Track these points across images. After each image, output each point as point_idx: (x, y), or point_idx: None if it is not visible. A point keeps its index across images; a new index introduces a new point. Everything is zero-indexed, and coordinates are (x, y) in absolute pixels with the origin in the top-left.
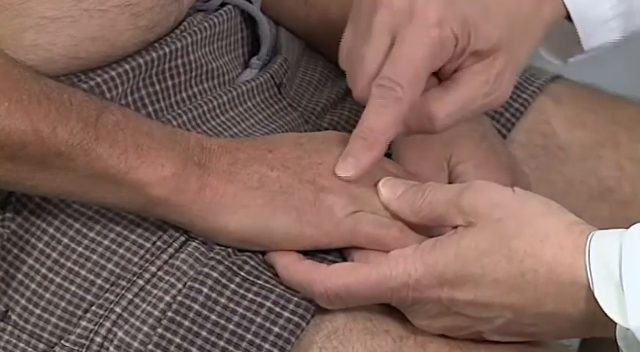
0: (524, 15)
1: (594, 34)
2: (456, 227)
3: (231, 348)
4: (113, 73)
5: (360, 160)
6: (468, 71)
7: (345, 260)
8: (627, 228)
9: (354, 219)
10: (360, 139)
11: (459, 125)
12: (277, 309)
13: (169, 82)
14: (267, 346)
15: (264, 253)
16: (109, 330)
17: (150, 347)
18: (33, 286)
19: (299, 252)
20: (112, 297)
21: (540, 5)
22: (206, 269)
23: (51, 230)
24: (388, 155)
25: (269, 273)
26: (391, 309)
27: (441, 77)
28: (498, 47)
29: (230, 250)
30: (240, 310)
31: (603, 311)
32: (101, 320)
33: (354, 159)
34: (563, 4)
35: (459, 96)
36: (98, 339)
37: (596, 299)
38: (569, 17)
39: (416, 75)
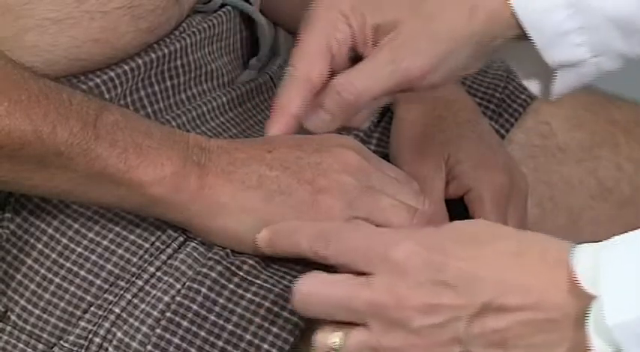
0: None
1: (553, 45)
2: None
3: (229, 348)
4: (112, 74)
5: (270, 130)
6: (377, 46)
7: None
8: (626, 228)
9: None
10: (270, 115)
11: (457, 126)
12: (276, 309)
13: (169, 83)
14: (265, 346)
15: None
16: (108, 330)
17: (149, 347)
18: (32, 286)
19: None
20: (110, 298)
21: None
22: (204, 270)
23: (50, 230)
24: (386, 157)
25: (267, 272)
26: None
27: None
28: (402, 18)
29: (229, 250)
30: (239, 310)
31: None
32: (100, 321)
33: (266, 131)
34: None
35: (361, 66)
36: (97, 339)
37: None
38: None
39: (304, 53)
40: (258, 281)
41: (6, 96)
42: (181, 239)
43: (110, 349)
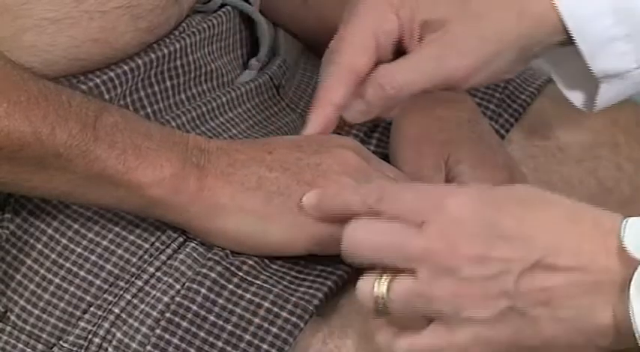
0: None
1: (599, 53)
2: None
3: (229, 349)
4: (112, 74)
5: (310, 123)
6: (422, 42)
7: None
8: None
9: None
10: (311, 105)
11: (457, 126)
12: (275, 309)
13: (168, 83)
14: (265, 346)
15: None
16: (108, 331)
17: (148, 347)
18: (32, 287)
19: (294, 258)
20: (110, 298)
21: None
22: (204, 270)
23: (50, 230)
24: (386, 157)
25: (267, 273)
26: None
27: None
28: (450, 17)
29: (228, 250)
30: (238, 310)
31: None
32: (99, 321)
33: (307, 123)
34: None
35: (405, 61)
36: (97, 340)
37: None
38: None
39: (350, 42)
40: (258, 282)
41: (5, 98)
42: (181, 239)
43: (110, 349)
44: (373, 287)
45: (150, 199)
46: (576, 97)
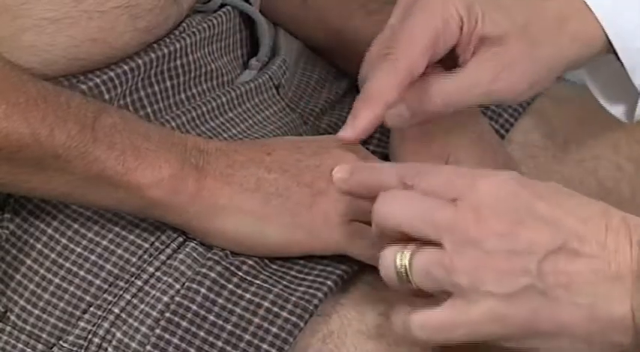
0: (546, 18)
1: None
2: None
3: (229, 348)
4: (112, 74)
5: (357, 119)
6: (477, 56)
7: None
8: None
9: (349, 228)
10: (359, 101)
11: (457, 126)
12: (275, 309)
13: (168, 83)
14: (265, 346)
15: None
16: (108, 331)
17: (148, 347)
18: (31, 286)
19: (294, 258)
20: (110, 298)
21: (565, 17)
22: (204, 270)
23: (49, 230)
24: (386, 157)
25: (267, 272)
26: (386, 314)
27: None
28: (509, 37)
29: (228, 250)
30: (238, 310)
31: None
32: (99, 321)
33: (352, 118)
34: (600, 26)
35: (460, 77)
36: (96, 340)
37: None
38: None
39: (413, 42)
40: (258, 281)
41: (4, 99)
42: (181, 239)
43: (109, 349)
44: (396, 257)
45: (149, 200)
46: (614, 108)
